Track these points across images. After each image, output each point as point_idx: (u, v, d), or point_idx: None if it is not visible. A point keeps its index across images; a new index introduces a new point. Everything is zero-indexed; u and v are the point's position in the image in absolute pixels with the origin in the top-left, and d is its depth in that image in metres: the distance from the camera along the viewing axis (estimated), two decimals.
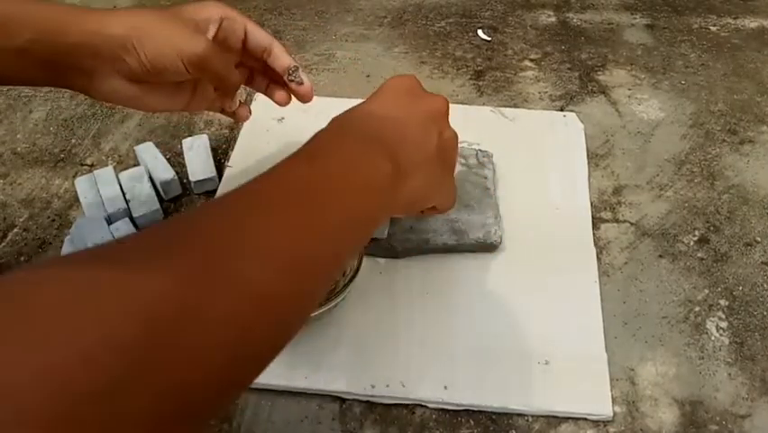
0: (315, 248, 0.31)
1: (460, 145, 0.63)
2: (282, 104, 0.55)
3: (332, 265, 0.33)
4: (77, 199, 0.60)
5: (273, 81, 0.54)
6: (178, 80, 0.47)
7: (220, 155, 0.65)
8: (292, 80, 0.52)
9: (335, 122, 0.40)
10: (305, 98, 0.53)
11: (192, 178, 0.61)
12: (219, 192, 0.61)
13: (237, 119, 0.56)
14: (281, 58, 0.51)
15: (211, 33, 0.47)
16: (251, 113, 0.56)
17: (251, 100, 0.71)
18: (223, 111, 0.54)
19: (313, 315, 0.47)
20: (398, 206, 0.41)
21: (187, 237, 0.27)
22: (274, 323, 0.28)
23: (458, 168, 0.60)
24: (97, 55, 0.43)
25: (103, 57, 0.43)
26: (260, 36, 0.50)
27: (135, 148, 0.64)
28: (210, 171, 0.61)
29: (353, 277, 0.49)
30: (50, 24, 0.42)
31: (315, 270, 0.31)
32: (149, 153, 0.63)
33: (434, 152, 0.42)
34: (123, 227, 0.57)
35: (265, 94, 0.55)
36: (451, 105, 0.70)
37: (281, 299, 0.29)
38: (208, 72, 0.46)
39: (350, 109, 0.41)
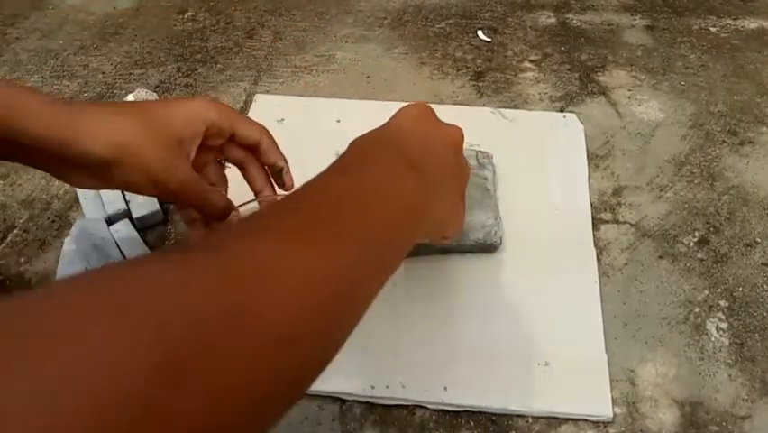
0: (356, 267, 0.31)
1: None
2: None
3: (374, 283, 0.33)
4: (77, 200, 0.60)
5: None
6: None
7: (220, 157, 0.65)
8: (278, 180, 0.50)
9: (359, 142, 0.39)
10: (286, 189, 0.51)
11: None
12: None
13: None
14: (267, 155, 0.49)
15: (193, 152, 0.45)
16: None
17: (252, 101, 0.71)
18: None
19: None
20: (424, 227, 0.39)
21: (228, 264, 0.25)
22: (315, 344, 0.29)
23: None
24: (68, 161, 0.40)
25: (73, 164, 0.40)
26: (247, 135, 0.48)
27: None
28: None
29: None
30: (18, 122, 0.38)
31: (355, 292, 0.31)
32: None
33: (452, 172, 0.42)
34: (122, 228, 0.57)
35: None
36: (451, 106, 0.71)
37: (321, 324, 0.29)
38: (185, 202, 0.46)
39: (370, 132, 0.40)
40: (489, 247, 0.55)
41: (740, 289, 0.55)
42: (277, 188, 0.50)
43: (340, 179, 0.34)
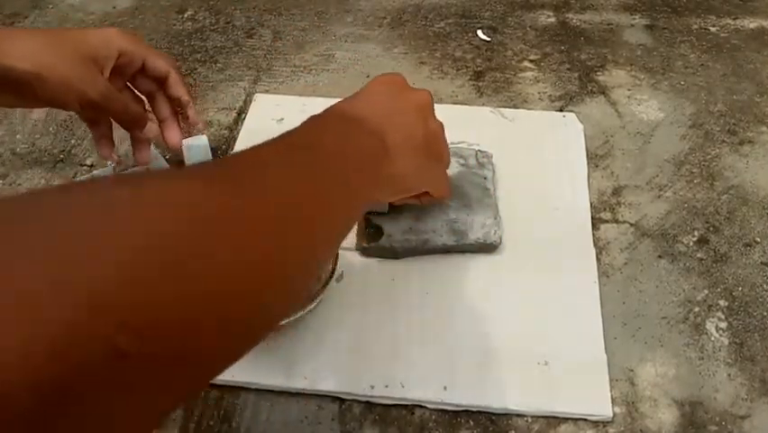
0: (316, 214, 0.32)
1: (459, 146, 0.64)
2: (171, 143, 0.57)
3: (330, 235, 0.34)
4: None
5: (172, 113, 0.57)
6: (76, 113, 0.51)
7: (220, 155, 0.65)
8: (180, 113, 0.56)
9: (322, 113, 0.40)
10: (191, 125, 0.58)
11: None
12: None
13: (166, 144, 0.58)
14: (174, 88, 0.54)
15: (107, 72, 0.49)
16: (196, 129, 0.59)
17: (252, 101, 0.71)
18: (133, 138, 0.57)
19: (292, 318, 0.47)
20: (387, 186, 0.42)
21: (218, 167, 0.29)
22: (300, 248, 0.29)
23: (458, 168, 0.60)
24: None
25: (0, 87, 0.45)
26: (157, 66, 0.52)
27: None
28: None
29: (328, 281, 0.49)
30: None
31: (314, 229, 0.32)
32: (150, 155, 0.62)
33: (420, 139, 0.44)
34: None
35: (159, 127, 0.57)
36: (450, 105, 0.71)
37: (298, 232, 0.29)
38: (104, 113, 0.51)
39: (328, 108, 0.42)
40: (488, 247, 0.55)
41: (740, 288, 0.55)
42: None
43: (287, 138, 0.35)
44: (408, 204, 0.54)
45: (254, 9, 0.85)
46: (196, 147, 0.63)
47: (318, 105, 0.69)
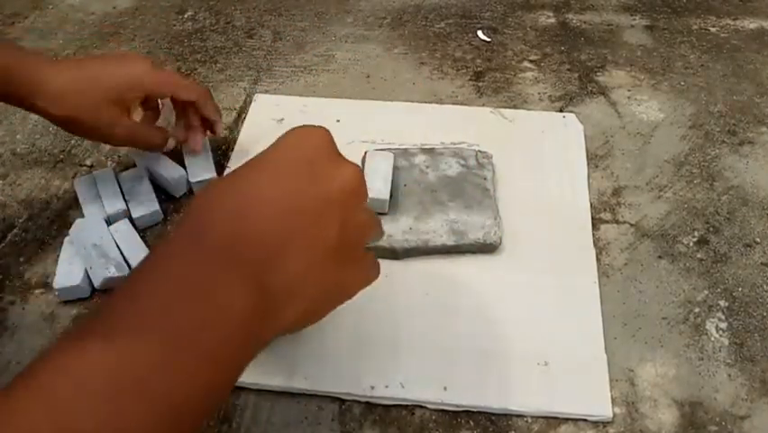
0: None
1: (459, 146, 0.64)
2: (194, 149, 0.61)
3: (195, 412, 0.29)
4: (76, 200, 0.60)
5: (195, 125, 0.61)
6: None
7: (219, 156, 0.65)
8: (205, 126, 0.61)
9: (190, 220, 0.32)
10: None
11: (192, 179, 0.61)
12: None
13: (190, 149, 0.62)
14: (203, 110, 0.59)
15: (133, 110, 0.56)
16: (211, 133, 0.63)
17: (252, 101, 0.71)
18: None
19: None
20: (278, 332, 0.33)
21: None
22: None
23: (458, 168, 0.60)
24: (30, 107, 0.52)
25: (33, 110, 0.52)
26: (187, 96, 0.57)
27: (130, 153, 0.64)
28: (210, 172, 0.61)
29: None
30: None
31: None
32: (151, 154, 0.63)
33: (331, 248, 0.33)
34: (122, 228, 0.57)
35: (185, 132, 0.61)
36: (450, 105, 0.71)
37: None
38: (130, 144, 0.58)
39: (221, 189, 0.32)
40: (488, 247, 0.55)
41: (740, 289, 0.55)
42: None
43: (125, 299, 0.29)
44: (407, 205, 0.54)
45: (254, 9, 0.85)
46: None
47: (318, 105, 0.70)
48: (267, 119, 0.68)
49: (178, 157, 0.65)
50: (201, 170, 0.61)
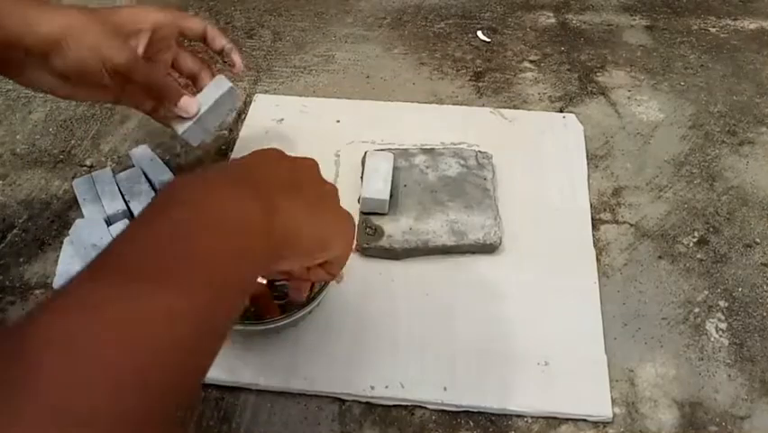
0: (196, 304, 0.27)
1: (459, 146, 0.64)
2: (188, 110, 0.54)
3: (221, 314, 0.29)
4: (76, 201, 0.60)
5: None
6: (104, 83, 0.49)
7: (219, 156, 0.65)
8: (226, 61, 0.58)
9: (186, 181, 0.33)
10: (235, 73, 0.59)
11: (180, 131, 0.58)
12: None
13: (182, 113, 0.54)
14: (215, 41, 0.56)
15: (141, 47, 0.49)
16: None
17: (252, 101, 0.71)
18: (158, 117, 0.56)
19: (292, 318, 0.47)
20: (277, 251, 0.34)
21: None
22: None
23: (458, 168, 0.60)
24: (27, 52, 0.45)
25: (32, 54, 0.45)
26: (192, 27, 0.53)
27: (130, 152, 0.64)
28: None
29: (328, 282, 0.49)
30: None
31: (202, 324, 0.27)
32: (145, 156, 0.63)
33: (314, 197, 0.37)
34: (122, 228, 0.56)
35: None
36: (450, 106, 0.71)
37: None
38: (132, 82, 0.48)
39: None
40: (488, 247, 0.55)
41: (740, 289, 0.55)
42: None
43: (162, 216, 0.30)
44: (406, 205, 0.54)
45: (254, 9, 0.85)
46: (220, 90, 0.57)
47: (318, 105, 0.70)
48: (267, 119, 0.68)
49: (174, 159, 0.65)
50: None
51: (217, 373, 0.48)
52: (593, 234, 0.58)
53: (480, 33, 0.81)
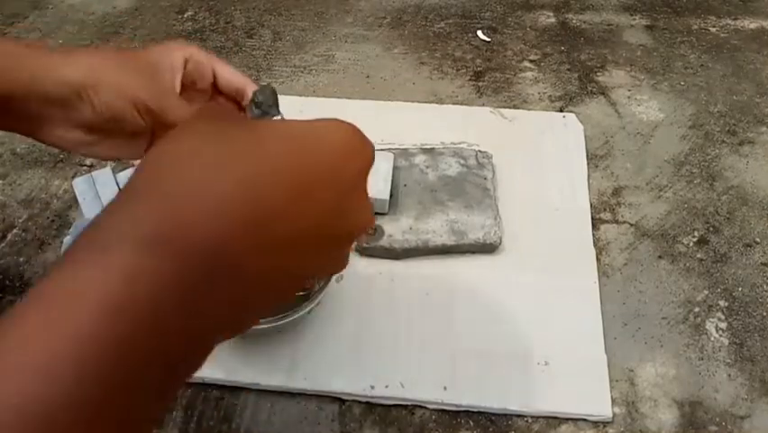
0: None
1: (459, 146, 0.64)
2: None
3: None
4: (75, 200, 0.60)
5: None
6: (136, 130, 0.43)
7: None
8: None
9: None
10: None
11: None
12: None
13: None
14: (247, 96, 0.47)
15: (177, 83, 0.44)
16: None
17: None
18: None
19: (292, 318, 0.47)
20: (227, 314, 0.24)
21: None
22: None
23: (458, 168, 0.60)
24: (47, 100, 0.39)
25: (53, 102, 0.39)
26: (231, 78, 0.46)
27: None
28: None
29: (327, 282, 0.49)
30: None
31: None
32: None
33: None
34: None
35: None
36: (450, 106, 0.71)
37: None
38: (166, 122, 0.42)
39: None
40: (488, 247, 0.55)
41: (739, 289, 0.55)
42: None
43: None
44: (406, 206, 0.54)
45: (254, 9, 0.85)
46: None
47: (318, 104, 0.70)
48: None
49: None
50: None
51: (217, 373, 0.48)
52: (593, 234, 0.58)
53: (480, 33, 0.81)
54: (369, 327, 0.51)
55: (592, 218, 0.59)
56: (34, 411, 0.19)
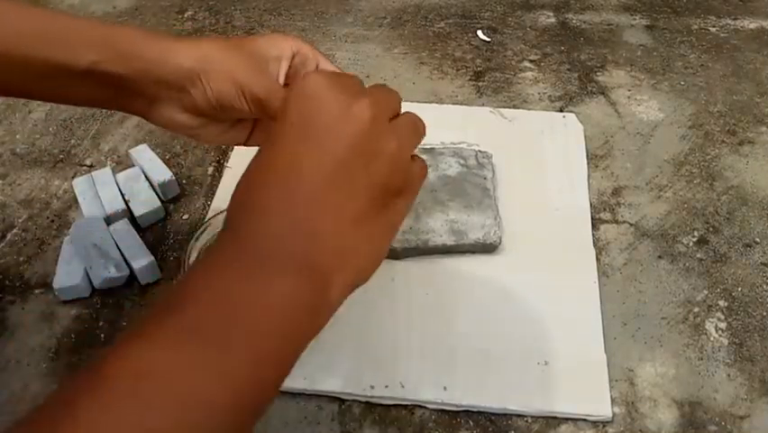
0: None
1: (459, 146, 0.64)
2: None
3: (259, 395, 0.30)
4: (76, 200, 0.60)
5: None
6: (241, 117, 0.45)
7: (219, 156, 0.66)
8: None
9: (229, 224, 0.32)
10: None
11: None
12: (219, 193, 0.61)
13: None
14: None
15: (282, 73, 0.45)
16: None
17: None
18: None
19: None
20: (334, 304, 0.35)
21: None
22: None
23: (457, 168, 0.60)
24: (162, 83, 0.42)
25: (167, 86, 0.42)
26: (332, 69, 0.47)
27: (129, 151, 0.64)
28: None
29: None
30: (117, 47, 0.41)
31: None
32: (144, 156, 0.63)
33: (363, 203, 0.32)
34: (121, 228, 0.57)
35: None
36: (450, 105, 0.71)
37: None
38: (272, 112, 0.43)
39: (242, 193, 0.32)
40: (488, 247, 0.55)
41: (739, 289, 0.55)
42: None
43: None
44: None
45: (254, 9, 0.85)
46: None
47: None
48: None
49: (175, 159, 0.65)
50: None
51: None
52: (593, 234, 0.58)
53: (480, 33, 0.81)
54: (369, 326, 0.51)
55: (592, 218, 0.59)
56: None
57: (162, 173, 0.61)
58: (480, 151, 0.62)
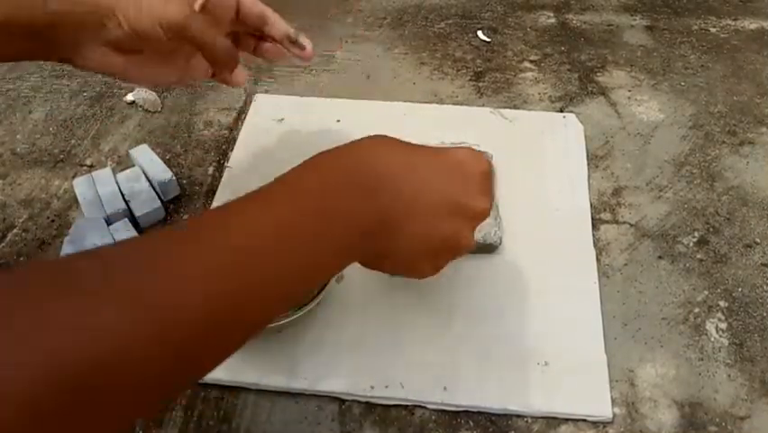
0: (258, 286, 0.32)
1: (459, 146, 0.64)
2: (274, 58, 0.54)
3: (276, 301, 0.34)
4: (76, 200, 0.60)
5: (260, 39, 0.53)
6: (162, 49, 0.46)
7: (220, 156, 0.65)
8: (295, 45, 0.51)
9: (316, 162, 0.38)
10: (306, 61, 0.53)
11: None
12: (219, 193, 0.61)
13: (232, 84, 0.53)
14: (279, 25, 0.51)
15: (198, 5, 0.46)
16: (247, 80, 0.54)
17: (252, 101, 0.71)
18: (222, 80, 0.52)
19: (292, 318, 0.47)
20: (366, 258, 0.41)
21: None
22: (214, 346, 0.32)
23: None
24: (80, 23, 0.43)
25: (85, 25, 0.43)
26: (252, 5, 0.50)
27: (130, 151, 0.64)
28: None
29: (327, 282, 0.49)
30: None
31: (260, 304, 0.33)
32: (144, 156, 0.63)
33: (437, 243, 0.40)
34: (122, 228, 0.57)
35: (254, 54, 0.54)
36: (450, 106, 0.71)
37: (219, 327, 0.31)
38: (189, 40, 0.45)
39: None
40: (488, 247, 0.55)
41: (739, 289, 0.55)
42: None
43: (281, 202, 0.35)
44: None
45: None
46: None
47: (318, 105, 0.70)
48: (267, 119, 0.68)
49: (175, 159, 0.65)
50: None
51: (217, 372, 0.48)
52: (593, 234, 0.58)
53: (480, 33, 0.81)
54: (369, 326, 0.51)
55: (592, 218, 0.59)
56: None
57: (162, 173, 0.61)
58: (480, 151, 0.62)
